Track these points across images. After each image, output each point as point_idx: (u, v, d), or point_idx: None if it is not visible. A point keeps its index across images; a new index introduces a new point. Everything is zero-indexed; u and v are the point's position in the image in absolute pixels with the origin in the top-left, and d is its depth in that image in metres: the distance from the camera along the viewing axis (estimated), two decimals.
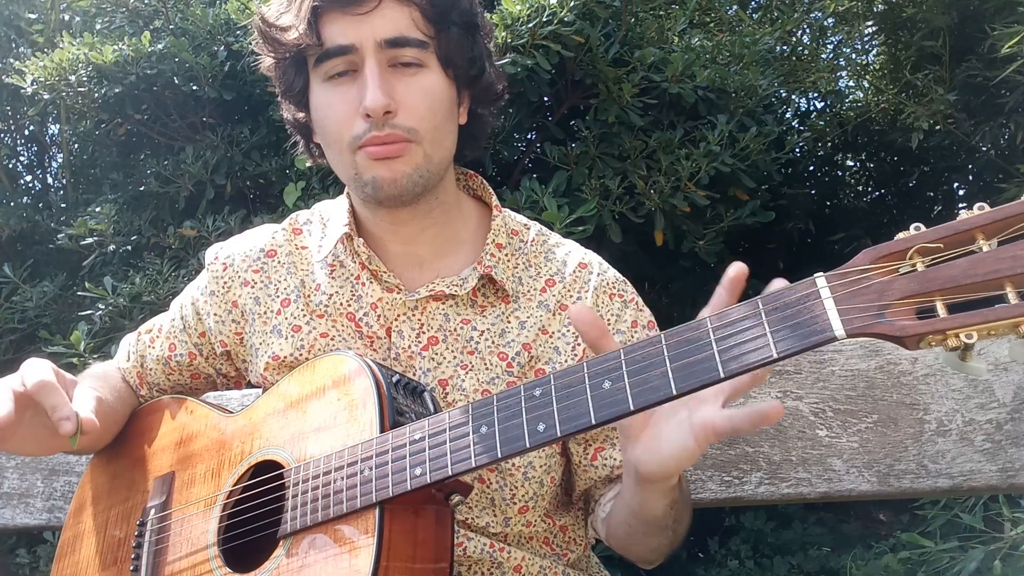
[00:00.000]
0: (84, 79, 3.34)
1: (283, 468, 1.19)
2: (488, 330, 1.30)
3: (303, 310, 1.35)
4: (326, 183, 3.06)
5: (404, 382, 1.20)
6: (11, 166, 4.82)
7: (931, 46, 4.15)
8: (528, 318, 1.31)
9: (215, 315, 1.43)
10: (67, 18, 4.06)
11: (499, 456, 0.99)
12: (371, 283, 1.33)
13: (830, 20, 5.05)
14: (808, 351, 0.81)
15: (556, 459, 1.32)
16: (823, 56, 5.13)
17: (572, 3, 2.88)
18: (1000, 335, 0.73)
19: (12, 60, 3.85)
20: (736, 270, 0.95)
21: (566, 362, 1.29)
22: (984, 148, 4.34)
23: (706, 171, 3.13)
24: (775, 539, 4.08)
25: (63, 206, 4.44)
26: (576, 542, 1.39)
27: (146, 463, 1.39)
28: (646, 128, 3.24)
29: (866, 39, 5.17)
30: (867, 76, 5.15)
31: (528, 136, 3.77)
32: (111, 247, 3.42)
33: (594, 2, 3.03)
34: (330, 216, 1.41)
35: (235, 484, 1.24)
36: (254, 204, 3.51)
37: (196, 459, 1.33)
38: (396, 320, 1.31)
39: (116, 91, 3.34)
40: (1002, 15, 3.62)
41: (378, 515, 1.06)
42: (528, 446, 0.97)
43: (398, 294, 1.31)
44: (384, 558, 1.03)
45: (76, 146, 4.51)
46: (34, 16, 4.16)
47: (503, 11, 2.90)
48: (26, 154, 5.09)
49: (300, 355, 1.33)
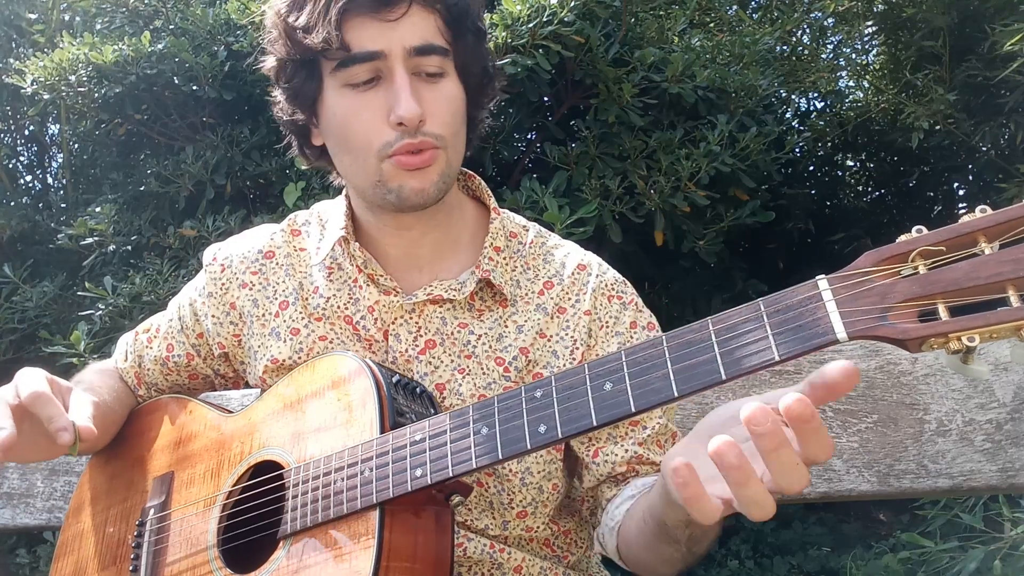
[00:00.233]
0: (84, 79, 3.34)
1: (283, 468, 1.19)
2: (485, 334, 1.29)
3: (301, 313, 1.34)
4: (326, 183, 3.05)
5: (404, 382, 1.19)
6: (11, 166, 4.82)
7: (931, 46, 4.15)
8: (526, 322, 1.30)
9: (213, 317, 1.42)
10: (67, 18, 4.06)
11: (500, 457, 0.99)
12: (368, 286, 1.32)
13: (830, 20, 5.05)
14: (809, 353, 0.81)
15: (557, 465, 1.29)
16: (823, 56, 5.13)
17: (572, 3, 2.88)
18: (1002, 338, 0.73)
19: (12, 60, 3.85)
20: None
21: (564, 366, 1.28)
22: (984, 148, 4.34)
23: (706, 171, 3.13)
24: (775, 539, 4.08)
25: (63, 206, 4.45)
26: (577, 544, 1.39)
27: (145, 463, 1.39)
28: (646, 128, 3.24)
29: (866, 39, 5.17)
30: (867, 76, 5.15)
31: (528, 136, 3.78)
32: (111, 247, 3.42)
33: (594, 2, 3.03)
34: (329, 217, 1.40)
35: (235, 484, 1.24)
36: (254, 204, 3.52)
37: (195, 459, 1.32)
38: (393, 323, 1.30)
39: (116, 91, 3.34)
40: (1002, 15, 3.63)
41: (378, 516, 1.06)
42: (529, 447, 0.97)
43: (395, 297, 1.30)
44: (384, 559, 1.03)
45: (76, 146, 4.52)
46: (34, 16, 4.16)
47: (503, 11, 2.90)
48: (26, 154, 5.09)
49: (299, 358, 1.32)
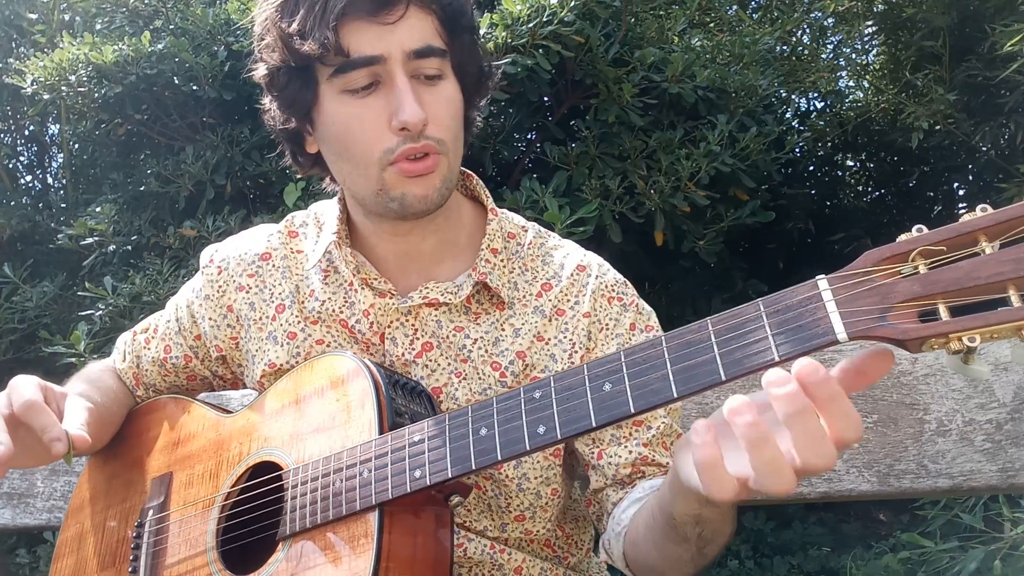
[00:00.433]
0: (84, 79, 3.34)
1: (281, 469, 1.18)
2: (481, 338, 1.27)
3: (297, 316, 1.33)
4: (326, 183, 3.05)
5: (403, 382, 1.19)
6: (11, 166, 4.82)
7: (931, 46, 4.15)
8: (523, 325, 1.27)
9: (210, 319, 1.41)
10: (67, 18, 4.06)
11: (499, 459, 0.98)
12: (363, 289, 1.29)
13: (830, 20, 5.06)
14: (810, 353, 0.81)
15: (556, 471, 1.27)
16: (823, 56, 5.13)
17: (572, 3, 2.88)
18: (1002, 338, 0.73)
19: (13, 60, 3.85)
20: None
21: (562, 370, 1.24)
22: (984, 148, 4.34)
23: (706, 171, 3.13)
24: (775, 539, 4.08)
25: (63, 206, 4.45)
26: (578, 545, 1.38)
27: (143, 463, 1.38)
28: (646, 128, 3.24)
29: (866, 39, 5.17)
30: (867, 76, 5.15)
31: (528, 136, 3.78)
32: (111, 247, 3.42)
33: (594, 2, 3.03)
34: (326, 219, 1.38)
35: (233, 485, 1.23)
36: (254, 204, 3.51)
37: (194, 460, 1.32)
38: (389, 327, 1.29)
39: (116, 91, 3.34)
40: (1002, 15, 3.63)
41: (377, 517, 1.05)
42: (528, 448, 0.96)
43: (390, 299, 1.28)
44: (384, 560, 1.03)
45: (76, 146, 4.52)
46: (35, 16, 4.16)
47: (503, 11, 2.90)
48: (26, 154, 5.09)
49: (296, 363, 1.31)
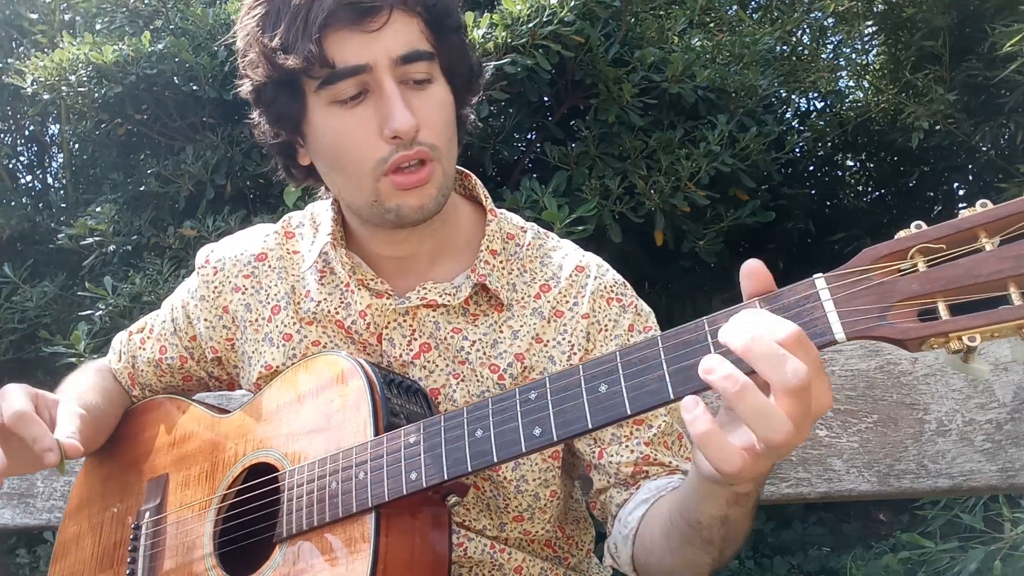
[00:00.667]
0: (84, 79, 3.34)
1: (278, 471, 1.18)
2: (479, 340, 1.26)
3: (293, 317, 1.32)
4: (321, 191, 3.05)
5: (398, 381, 1.18)
6: (11, 166, 4.82)
7: (931, 46, 4.15)
8: (521, 327, 1.26)
9: (205, 320, 1.40)
10: (67, 18, 4.05)
11: (495, 460, 0.98)
12: (360, 290, 1.28)
13: (830, 20, 5.05)
14: None
15: (554, 473, 1.26)
16: (823, 56, 5.12)
17: (572, 3, 2.88)
18: (1003, 337, 0.72)
19: (14, 60, 3.85)
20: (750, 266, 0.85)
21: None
22: (984, 148, 4.33)
23: (706, 171, 3.13)
24: (775, 539, 4.07)
25: (63, 206, 4.45)
26: (579, 546, 1.38)
27: (139, 464, 1.38)
28: (646, 128, 3.23)
29: (866, 39, 5.17)
30: (867, 76, 5.15)
31: (528, 136, 3.77)
32: (111, 247, 3.42)
33: (594, 2, 3.03)
34: (322, 220, 1.37)
35: (229, 487, 1.23)
36: (254, 204, 3.51)
37: (190, 461, 1.31)
38: (387, 327, 1.28)
39: (116, 91, 3.34)
40: (1002, 15, 3.62)
41: (374, 519, 1.05)
42: (524, 450, 0.96)
43: (387, 300, 1.27)
44: (381, 562, 1.03)
45: (76, 146, 4.52)
46: (36, 16, 4.16)
47: (503, 11, 2.89)
48: (26, 154, 5.09)
49: (292, 364, 1.30)
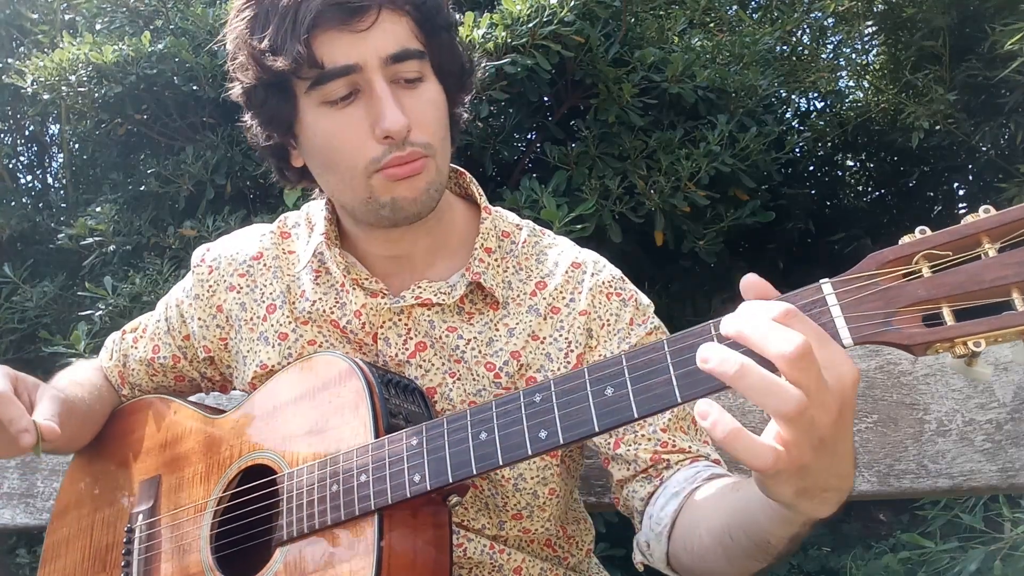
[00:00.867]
0: (84, 79, 3.33)
1: (275, 472, 1.17)
2: (475, 339, 1.25)
3: (288, 317, 1.32)
4: (315, 193, 3.04)
5: (395, 380, 1.17)
6: (11, 166, 4.81)
7: (931, 46, 4.15)
8: (517, 324, 1.26)
9: (199, 319, 1.40)
10: (68, 18, 4.05)
11: (500, 464, 0.98)
12: (354, 289, 1.28)
13: (830, 20, 5.05)
14: None
15: (552, 471, 1.26)
16: (823, 56, 5.12)
17: (572, 3, 2.88)
18: (1006, 341, 0.72)
19: (14, 61, 3.85)
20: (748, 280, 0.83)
21: (559, 369, 1.25)
22: (984, 148, 4.34)
23: (706, 171, 3.13)
24: None
25: (63, 206, 4.45)
26: (579, 546, 1.38)
27: (130, 465, 1.36)
28: (646, 128, 3.23)
29: (866, 39, 5.17)
30: (867, 76, 5.15)
31: (528, 136, 3.77)
32: (111, 247, 3.42)
33: (594, 2, 3.03)
34: (317, 220, 1.36)
35: (226, 489, 1.21)
36: (254, 204, 3.51)
37: (183, 462, 1.29)
38: (382, 327, 1.27)
39: (116, 91, 3.33)
40: (1002, 15, 3.62)
41: (377, 521, 1.04)
42: (530, 453, 0.95)
43: (382, 299, 1.27)
44: (385, 565, 1.02)
45: (76, 146, 4.51)
46: (36, 16, 4.16)
47: (503, 11, 2.89)
48: (26, 154, 5.08)
49: (288, 363, 1.29)
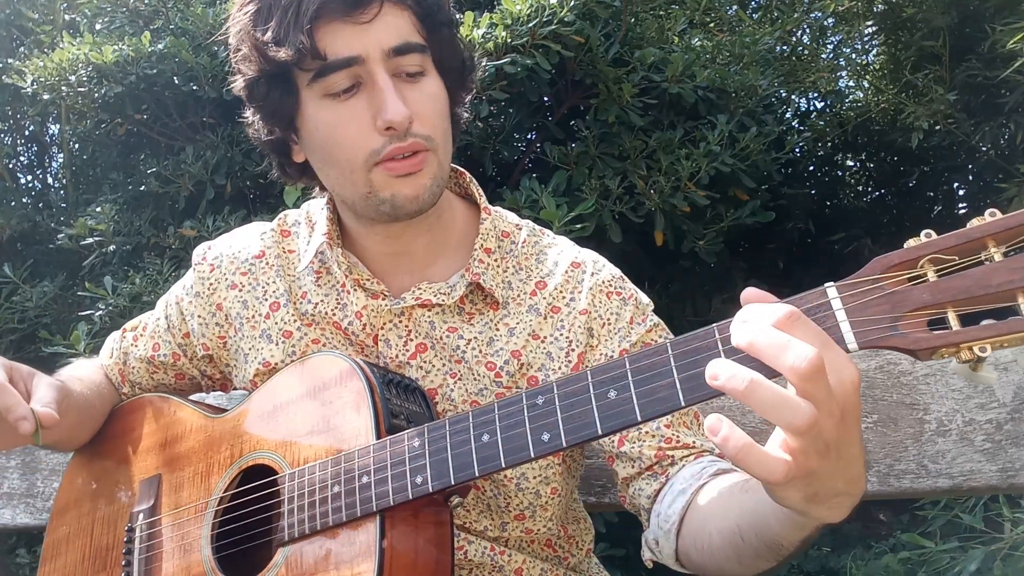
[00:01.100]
0: (84, 79, 3.33)
1: (275, 473, 1.17)
2: (475, 339, 1.25)
3: (293, 315, 1.32)
4: (316, 192, 3.04)
5: (396, 380, 1.17)
6: (11, 166, 4.81)
7: (931, 46, 4.15)
8: (517, 324, 1.26)
9: (199, 317, 1.40)
10: (68, 18, 4.05)
11: (503, 466, 0.97)
12: (356, 290, 1.28)
13: (830, 20, 5.05)
14: None
15: (554, 470, 1.26)
16: (823, 56, 5.13)
17: (572, 3, 2.87)
18: (1012, 346, 0.72)
19: (14, 61, 3.84)
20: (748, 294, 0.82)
21: (559, 368, 1.25)
22: (984, 148, 4.34)
23: (706, 171, 3.12)
24: None
25: (63, 206, 4.44)
26: (579, 546, 1.38)
27: (130, 464, 1.36)
28: (646, 128, 3.23)
29: (866, 39, 5.17)
30: (867, 76, 5.15)
31: (528, 136, 3.77)
32: (111, 247, 3.41)
33: (594, 2, 3.03)
34: (317, 219, 1.37)
35: (226, 489, 1.21)
36: (254, 204, 3.51)
37: (183, 461, 1.29)
38: (383, 328, 1.27)
39: (116, 91, 3.33)
40: (1002, 15, 3.62)
41: (378, 523, 1.04)
42: (533, 455, 0.95)
43: (383, 300, 1.27)
44: (387, 567, 1.02)
45: (76, 146, 4.50)
46: (37, 16, 4.15)
47: (503, 11, 2.89)
48: (26, 154, 5.08)
49: (291, 361, 1.29)
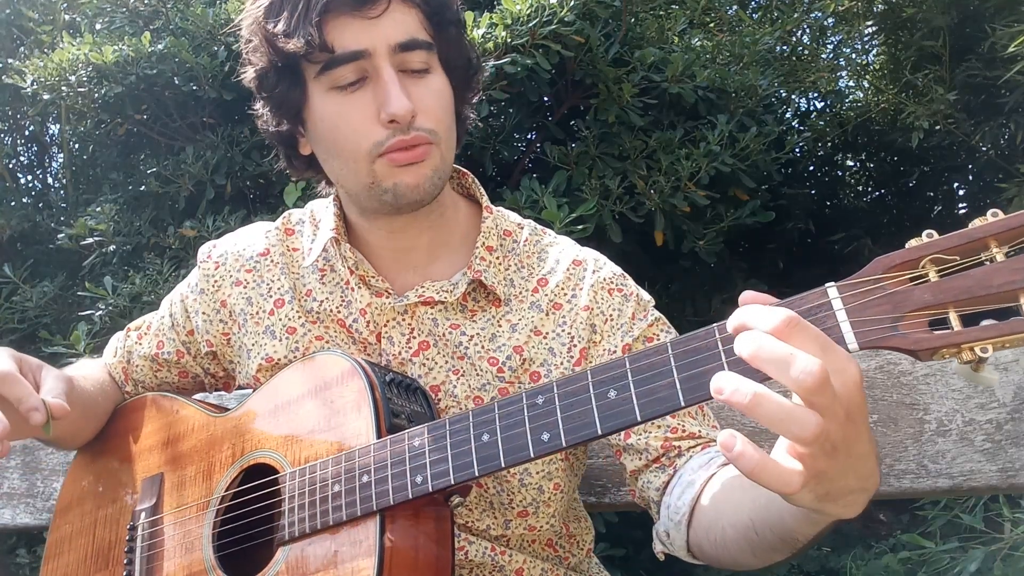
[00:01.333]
0: (84, 79, 3.33)
1: (276, 472, 1.17)
2: (478, 335, 1.26)
3: (297, 312, 1.33)
4: (321, 186, 3.05)
5: (398, 380, 1.18)
6: (11, 166, 4.81)
7: (931, 46, 4.15)
8: (519, 320, 1.27)
9: (203, 314, 1.41)
10: (68, 18, 4.05)
11: (503, 465, 0.98)
12: (360, 288, 1.29)
13: (830, 20, 5.06)
14: None
15: (556, 465, 1.27)
16: (823, 56, 5.13)
17: (572, 3, 2.88)
18: (1013, 347, 0.72)
19: (14, 60, 3.84)
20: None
21: (562, 364, 1.26)
22: (984, 148, 4.34)
23: (706, 171, 3.13)
24: None
25: (63, 206, 4.44)
26: (580, 546, 1.38)
27: (133, 463, 1.36)
28: (646, 128, 3.23)
29: (866, 39, 5.18)
30: (867, 76, 5.15)
31: (528, 136, 3.77)
32: (111, 247, 3.42)
33: (594, 2, 3.03)
34: (322, 217, 1.38)
35: (228, 488, 1.22)
36: (254, 204, 3.51)
37: (185, 460, 1.30)
38: (386, 326, 1.29)
39: (116, 91, 3.33)
40: (1002, 15, 3.63)
41: (379, 522, 1.04)
42: (532, 456, 0.95)
43: (387, 298, 1.28)
44: (387, 566, 1.02)
45: (76, 146, 4.50)
46: (37, 16, 4.15)
47: (503, 11, 2.89)
48: (26, 154, 5.08)
49: (295, 358, 1.31)
